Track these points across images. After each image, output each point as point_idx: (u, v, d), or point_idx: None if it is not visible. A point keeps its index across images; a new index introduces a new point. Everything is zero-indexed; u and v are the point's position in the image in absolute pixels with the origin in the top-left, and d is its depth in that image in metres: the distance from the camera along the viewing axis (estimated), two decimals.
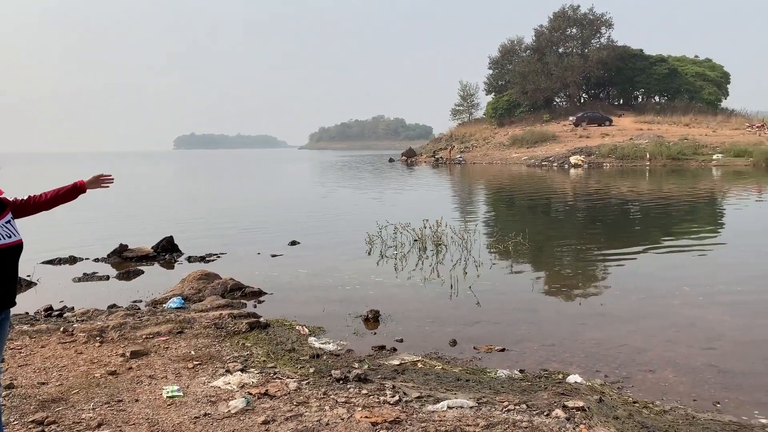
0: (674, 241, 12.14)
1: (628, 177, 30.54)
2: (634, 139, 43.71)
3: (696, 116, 52.75)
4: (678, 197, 20.12)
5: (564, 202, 20.92)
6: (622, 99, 64.17)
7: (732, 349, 5.61)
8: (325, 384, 4.54)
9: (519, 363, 5.32)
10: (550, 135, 50.43)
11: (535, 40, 62.50)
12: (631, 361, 5.35)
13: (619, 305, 7.34)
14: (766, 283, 8.35)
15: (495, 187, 27.74)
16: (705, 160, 37.83)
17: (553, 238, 13.08)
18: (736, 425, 4.05)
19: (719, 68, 61.12)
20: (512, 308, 7.27)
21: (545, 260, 10.61)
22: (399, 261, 10.07)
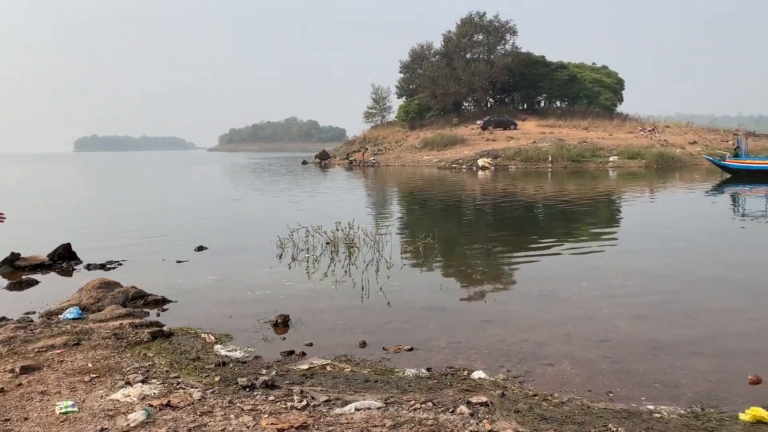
0: (574, 239, 12.74)
1: (532, 178, 31.80)
2: (538, 142, 45.57)
3: (594, 120, 55.69)
4: (578, 198, 21.15)
5: (473, 203, 21.52)
6: (526, 104, 66.74)
7: (624, 341, 5.95)
8: (230, 392, 4.44)
9: (426, 361, 5.41)
10: (460, 138, 51.70)
11: (443, 45, 63.94)
12: (532, 355, 5.57)
13: (522, 302, 7.64)
14: (656, 278, 8.90)
15: (407, 189, 28.14)
16: (602, 162, 39.99)
17: (463, 238, 13.43)
18: (626, 412, 4.29)
19: (614, 75, 64.84)
20: (421, 307, 7.39)
21: (454, 260, 10.86)
22: (311, 264, 10.01)
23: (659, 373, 5.09)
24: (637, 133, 50.24)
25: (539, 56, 63.45)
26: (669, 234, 12.94)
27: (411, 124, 63.05)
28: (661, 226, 14.39)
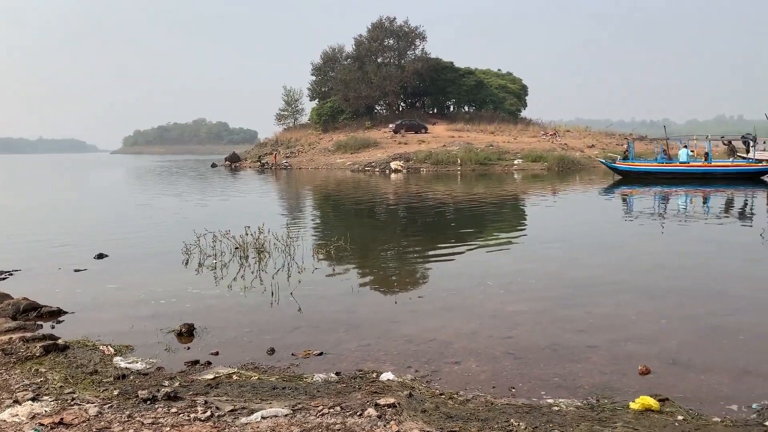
0: (483, 239, 13.10)
1: (442, 181, 32.48)
2: (447, 146, 46.62)
3: (500, 125, 57.55)
4: (486, 199, 21.80)
5: (386, 205, 21.72)
6: (436, 108, 68.09)
7: (526, 338, 6.18)
8: (130, 406, 4.25)
9: (336, 365, 5.40)
10: (372, 141, 52.06)
11: (355, 48, 64.20)
12: (440, 354, 5.68)
13: (431, 302, 7.78)
14: (557, 276, 9.30)
15: (321, 192, 28.04)
16: (508, 165, 41.41)
17: (376, 240, 13.51)
18: (527, 407, 4.46)
19: (519, 81, 67.41)
20: (332, 311, 7.37)
21: (367, 262, 10.91)
22: (219, 271, 9.76)
23: (558, 368, 5.33)
24: (539, 137, 52.37)
25: (448, 62, 64.93)
26: (569, 233, 13.58)
27: (324, 126, 62.84)
28: (562, 225, 15.09)
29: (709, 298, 7.86)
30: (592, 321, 6.76)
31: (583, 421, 4.16)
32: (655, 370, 5.22)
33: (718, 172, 27.36)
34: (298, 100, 72.62)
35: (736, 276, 9.09)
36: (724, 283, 8.68)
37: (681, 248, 11.62)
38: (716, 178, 26.87)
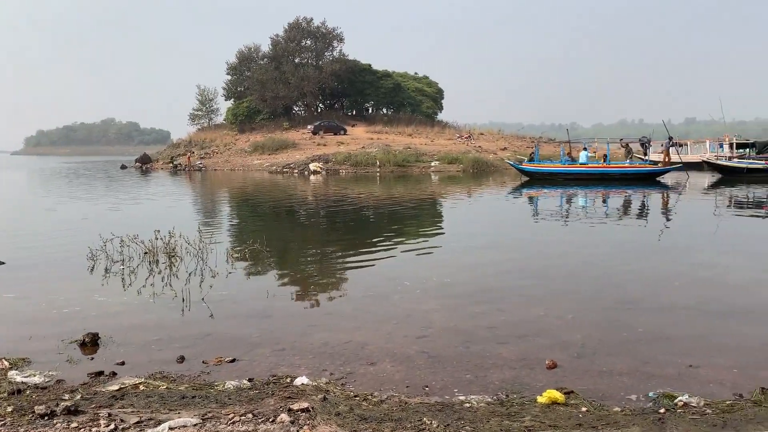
0: (401, 240, 13.19)
1: (361, 182, 32.59)
2: (366, 148, 46.84)
3: (417, 127, 58.43)
4: (405, 200, 22.05)
5: (305, 207, 21.54)
6: (355, 110, 68.28)
7: (440, 336, 6.29)
8: (26, 423, 4.00)
9: (249, 372, 5.29)
10: (291, 142, 51.59)
11: (272, 48, 63.41)
12: (355, 356, 5.68)
13: (347, 304, 7.77)
14: (471, 274, 9.52)
15: (237, 194, 27.46)
16: (425, 167, 42.10)
17: (294, 242, 13.37)
18: (440, 405, 4.53)
19: (435, 85, 68.71)
20: (246, 316, 7.22)
21: (283, 265, 10.77)
22: (126, 277, 9.36)
23: (471, 365, 5.44)
24: (455, 139, 53.55)
25: (366, 64, 65.27)
26: (483, 232, 13.96)
27: (240, 127, 61.67)
28: (476, 225, 15.49)
29: (611, 293, 8.26)
30: (503, 318, 6.96)
31: (493, 417, 4.27)
32: (561, 364, 5.43)
33: (615, 173, 29.02)
34: (212, 100, 70.99)
35: (635, 272, 9.60)
36: (624, 279, 9.15)
37: (584, 246, 12.16)
38: (614, 178, 28.51)
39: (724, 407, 4.46)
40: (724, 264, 10.07)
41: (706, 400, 4.57)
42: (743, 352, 5.77)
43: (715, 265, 9.97)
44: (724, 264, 10.07)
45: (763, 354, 5.73)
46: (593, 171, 29.21)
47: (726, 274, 9.34)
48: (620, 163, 30.75)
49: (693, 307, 7.36)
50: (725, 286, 8.61)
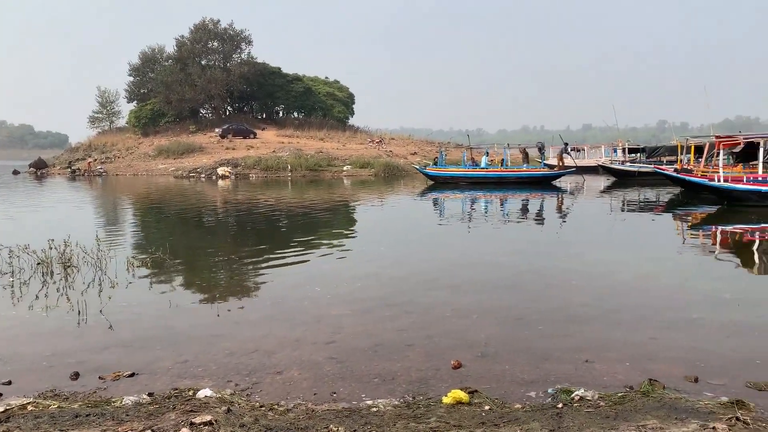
0: (313, 245, 13.07)
1: (272, 187, 32.14)
2: (277, 152, 46.30)
3: (329, 131, 58.40)
4: (317, 205, 21.94)
5: (213, 213, 20.96)
6: (265, 113, 67.32)
7: (349, 341, 6.28)
8: None
9: (149, 386, 5.08)
10: (197, 146, 50.19)
11: (177, 50, 61.45)
12: (262, 365, 5.57)
13: (255, 311, 7.63)
14: (381, 278, 9.57)
15: (140, 200, 26.36)
16: (337, 171, 42.12)
17: (200, 250, 12.95)
18: (348, 411, 4.51)
19: (346, 90, 68.86)
20: (147, 328, 6.93)
21: (188, 274, 10.42)
22: (17, 290, 8.74)
23: (379, 368, 5.47)
24: (366, 144, 53.95)
25: (275, 67, 64.55)
26: (392, 236, 14.12)
27: (144, 130, 59.40)
28: (386, 228, 15.64)
29: (513, 293, 8.55)
30: (411, 320, 7.05)
31: (399, 420, 4.30)
32: (466, 364, 5.56)
33: (512, 176, 30.31)
34: (114, 102, 68.06)
35: (535, 271, 10.00)
36: (525, 278, 9.51)
37: (487, 248, 12.55)
38: (511, 182, 29.77)
39: (616, 399, 4.70)
40: (618, 262, 10.66)
41: (600, 394, 4.80)
42: (634, 345, 6.12)
43: (609, 263, 10.54)
44: (618, 262, 10.66)
45: (651, 347, 6.09)
46: (492, 175, 30.44)
47: (619, 272, 9.89)
48: (518, 167, 32.07)
49: (589, 304, 7.75)
50: (619, 283, 9.12)
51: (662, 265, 10.53)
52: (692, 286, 8.91)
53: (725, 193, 19.12)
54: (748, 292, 8.57)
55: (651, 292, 8.57)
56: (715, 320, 7.00)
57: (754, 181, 18.78)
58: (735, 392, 4.83)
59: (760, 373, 5.28)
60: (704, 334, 6.49)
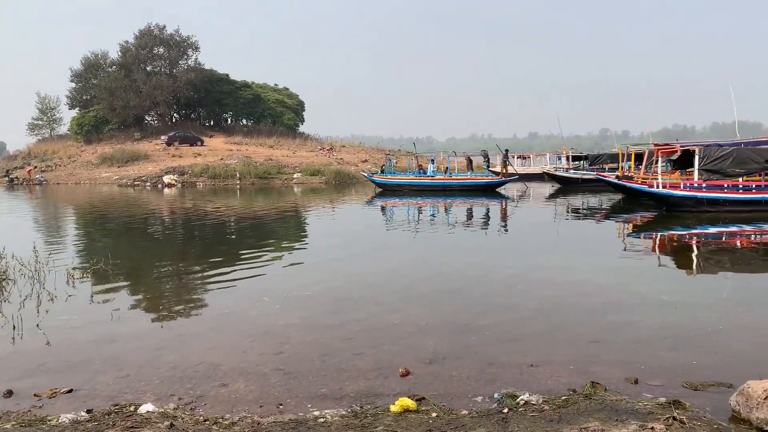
0: (261, 254, 12.89)
1: (220, 195, 31.65)
2: (225, 159, 45.65)
3: (279, 139, 57.97)
4: (266, 213, 21.70)
5: (159, 222, 20.48)
6: (212, 120, 66.38)
7: (297, 351, 6.22)
8: None
9: (88, 402, 4.91)
10: (143, 154, 49.08)
11: (121, 55, 60.03)
12: (207, 378, 5.46)
13: (201, 323, 7.48)
14: (330, 285, 9.52)
15: (83, 210, 25.55)
16: (287, 179, 41.80)
17: (144, 261, 12.62)
18: (294, 422, 4.46)
19: (296, 97, 68.56)
20: (87, 342, 6.70)
21: (131, 286, 10.13)
22: None
23: (326, 378, 5.44)
24: (317, 152, 53.74)
25: (223, 74, 63.79)
26: (344, 244, 14.07)
27: (87, 138, 57.71)
28: (337, 236, 15.58)
29: (461, 298, 8.63)
30: (359, 328, 7.03)
31: (346, 430, 4.28)
32: (414, 371, 5.58)
33: (457, 184, 30.76)
34: (54, 109, 65.89)
35: (482, 277, 10.14)
36: (472, 283, 9.61)
37: (435, 255, 12.65)
38: (456, 189, 30.22)
39: (560, 402, 4.80)
40: (562, 267, 10.90)
41: (544, 397, 4.89)
42: (577, 348, 6.27)
43: (554, 268, 10.76)
44: (562, 267, 10.90)
45: (594, 349, 6.25)
46: (437, 183, 30.85)
47: (563, 276, 10.11)
48: (462, 175, 32.50)
49: (534, 309, 7.90)
50: (563, 288, 9.32)
51: (604, 269, 10.83)
52: (633, 289, 9.19)
53: (663, 199, 19.82)
54: (685, 295, 8.89)
55: (594, 296, 8.79)
56: (654, 322, 7.23)
57: (690, 187, 19.53)
58: (672, 392, 4.99)
59: (696, 373, 5.48)
60: (644, 336, 6.69)
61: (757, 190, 19.48)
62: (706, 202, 19.01)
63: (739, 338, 6.55)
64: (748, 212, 18.53)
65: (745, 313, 7.75)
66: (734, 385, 4.91)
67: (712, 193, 19.13)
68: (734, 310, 7.96)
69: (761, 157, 19.09)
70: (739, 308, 8.04)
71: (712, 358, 5.93)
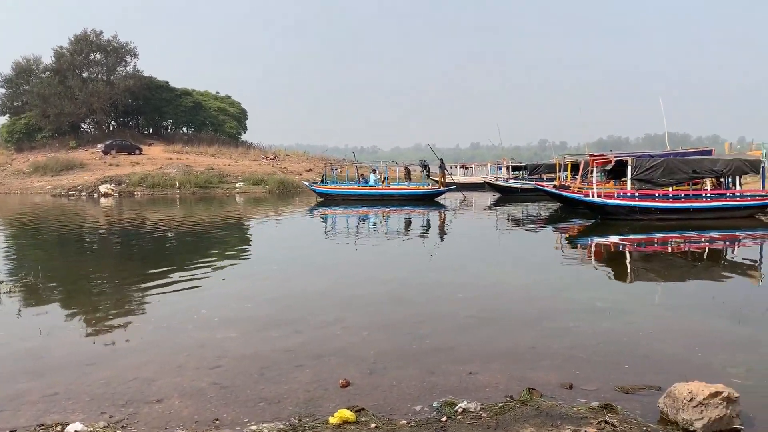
0: (202, 265, 12.62)
1: (160, 205, 30.89)
2: (165, 168, 44.64)
3: (221, 147, 57.11)
4: (207, 224, 21.28)
5: (95, 233, 19.79)
6: (151, 128, 64.87)
7: (235, 365, 6.10)
8: None
9: (11, 423, 4.68)
10: (78, 163, 47.49)
11: (55, 61, 57.97)
12: (140, 394, 5.29)
13: (136, 337, 7.24)
14: (271, 296, 9.42)
15: (13, 221, 24.44)
16: (229, 188, 41.19)
17: (78, 273, 12.14)
18: None
19: (238, 105, 67.76)
20: (12, 359, 6.39)
21: (63, 300, 9.74)
22: None
23: (265, 392, 5.35)
24: (260, 160, 53.22)
25: (163, 81, 62.50)
26: (285, 254, 13.94)
27: (18, 146, 55.42)
28: (279, 247, 15.44)
29: (402, 307, 8.66)
30: (300, 340, 6.96)
31: None
32: (354, 382, 5.56)
33: (395, 194, 31.08)
34: None
35: (424, 285, 10.23)
36: (414, 292, 9.69)
37: (375, 264, 12.73)
38: (394, 199, 30.53)
39: (497, 410, 4.87)
40: (502, 274, 11.12)
41: (482, 405, 4.95)
42: (515, 355, 6.39)
43: (493, 276, 10.97)
44: (502, 274, 11.12)
45: (531, 356, 6.38)
46: (375, 192, 31.15)
47: (503, 284, 10.32)
48: (401, 184, 32.78)
49: (474, 316, 8.00)
50: (502, 295, 9.50)
51: (542, 276, 11.10)
52: (569, 296, 9.44)
53: (598, 208, 20.49)
54: (618, 301, 9.19)
55: (531, 303, 8.99)
56: (588, 328, 7.44)
57: (623, 196, 20.26)
58: (605, 396, 5.14)
59: (628, 377, 5.66)
60: (579, 342, 6.88)
61: (685, 198, 20.40)
62: (638, 210, 19.77)
63: (667, 342, 6.82)
64: (677, 220, 19.38)
65: (673, 318, 8.08)
66: (663, 387, 5.10)
67: (644, 201, 19.92)
68: (663, 315, 8.28)
69: (689, 168, 20.02)
70: (667, 313, 8.37)
71: (643, 362, 6.14)
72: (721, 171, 20.31)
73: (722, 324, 7.65)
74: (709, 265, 12.74)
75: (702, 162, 20.45)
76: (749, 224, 19.03)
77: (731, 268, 12.26)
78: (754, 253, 14.40)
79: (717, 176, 20.74)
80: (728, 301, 8.91)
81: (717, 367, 5.94)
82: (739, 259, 13.38)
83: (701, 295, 9.45)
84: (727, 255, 14.02)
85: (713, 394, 4.43)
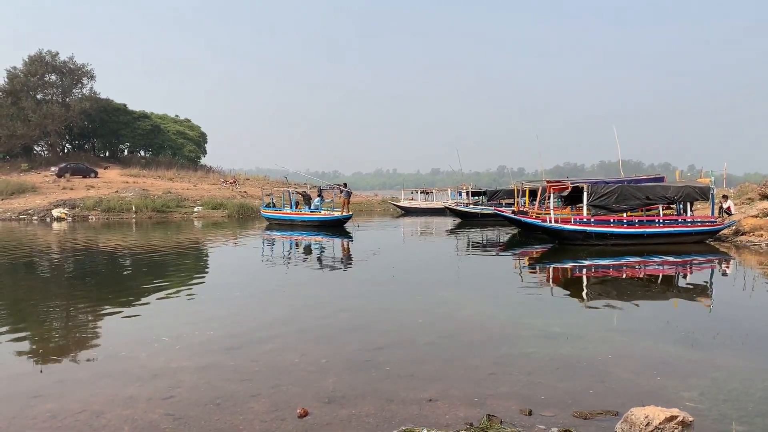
0: (157, 292, 12.31)
1: (115, 230, 30.15)
2: (121, 192, 43.72)
3: (179, 171, 56.30)
4: (164, 249, 20.81)
5: (46, 258, 19.13)
6: (108, 151, 63.65)
7: (189, 395, 5.93)
8: None
9: None
10: (30, 186, 46.06)
11: (8, 82, 56.52)
12: (88, 427, 5.09)
13: (85, 367, 7.00)
14: (226, 325, 9.21)
15: None
16: (187, 213, 40.53)
17: (27, 300, 11.69)
18: None
19: (197, 129, 67.12)
20: None
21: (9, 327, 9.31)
22: None
23: (219, 423, 5.21)
24: (220, 184, 52.63)
25: (120, 104, 61.58)
26: (242, 281, 13.72)
27: None
28: (237, 273, 15.18)
29: (361, 334, 8.60)
30: (257, 369, 6.82)
31: None
32: (312, 411, 5.46)
33: (311, 219, 30.58)
34: None
35: (383, 311, 10.17)
36: (373, 319, 9.62)
37: (334, 290, 12.61)
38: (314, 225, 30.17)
39: None
40: (461, 300, 11.14)
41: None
42: (474, 382, 6.38)
43: (453, 302, 10.98)
44: (461, 300, 11.14)
45: (490, 382, 6.38)
46: (296, 218, 31.23)
47: (462, 310, 10.33)
48: (309, 210, 31.68)
49: (433, 343, 7.99)
50: (461, 321, 9.50)
51: (501, 302, 11.17)
52: (527, 321, 9.50)
53: (556, 233, 20.84)
54: (575, 326, 9.29)
55: (490, 329, 9.02)
56: (546, 354, 7.49)
57: (580, 222, 20.66)
58: (564, 422, 5.16)
59: (586, 402, 5.71)
60: (537, 367, 6.92)
61: (639, 224, 20.92)
62: (594, 235, 20.17)
63: (624, 367, 6.91)
64: (631, 245, 19.83)
65: (628, 342, 8.20)
66: (620, 412, 5.15)
67: (600, 227, 20.35)
68: (619, 339, 8.40)
69: (642, 194, 20.57)
70: (623, 338, 8.49)
71: (601, 386, 6.20)
72: (672, 198, 20.92)
73: (675, 348, 7.80)
74: (662, 290, 13.02)
75: (654, 189, 21.04)
76: (700, 249, 19.59)
77: (683, 292, 12.56)
78: (705, 277, 14.80)
79: (669, 202, 21.34)
80: (681, 326, 9.10)
81: (671, 391, 6.04)
82: (690, 284, 13.72)
83: (655, 320, 9.63)
84: (679, 280, 14.37)
85: (669, 418, 4.49)
